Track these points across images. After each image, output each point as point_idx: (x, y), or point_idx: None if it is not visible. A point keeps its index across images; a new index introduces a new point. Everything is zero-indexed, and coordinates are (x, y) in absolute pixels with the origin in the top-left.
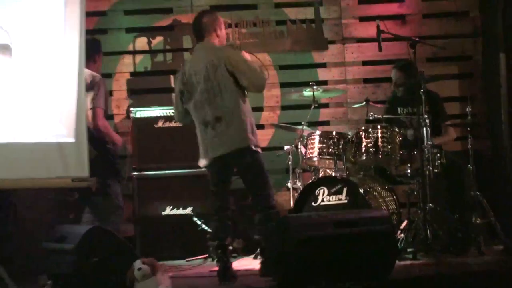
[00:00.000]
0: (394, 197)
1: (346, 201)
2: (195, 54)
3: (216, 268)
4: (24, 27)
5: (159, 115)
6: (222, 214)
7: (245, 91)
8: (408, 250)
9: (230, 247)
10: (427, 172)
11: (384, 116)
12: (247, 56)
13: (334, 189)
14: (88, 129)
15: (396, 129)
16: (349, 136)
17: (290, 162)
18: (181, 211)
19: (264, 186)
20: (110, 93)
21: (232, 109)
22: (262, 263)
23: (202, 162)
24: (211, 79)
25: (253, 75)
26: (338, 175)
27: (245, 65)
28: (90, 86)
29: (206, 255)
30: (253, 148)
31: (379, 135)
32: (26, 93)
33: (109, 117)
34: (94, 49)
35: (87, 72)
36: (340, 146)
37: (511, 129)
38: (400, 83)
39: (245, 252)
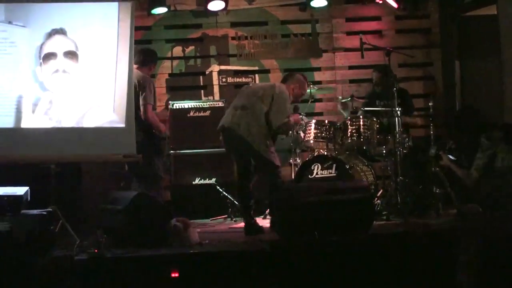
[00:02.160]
0: (372, 171)
1: (335, 174)
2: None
3: (235, 225)
4: (87, 38)
5: (190, 106)
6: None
7: None
8: (383, 212)
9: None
10: (398, 152)
11: (364, 108)
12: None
13: (326, 165)
14: (141, 119)
15: (374, 119)
16: (337, 124)
17: (292, 144)
18: (207, 181)
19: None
20: None
21: None
22: (271, 220)
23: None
24: None
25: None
26: (329, 154)
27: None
28: (142, 86)
29: (226, 216)
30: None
31: (361, 123)
32: (89, 89)
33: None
34: (152, 60)
35: (140, 74)
36: (331, 132)
37: (449, 137)
38: (379, 81)
39: (255, 213)
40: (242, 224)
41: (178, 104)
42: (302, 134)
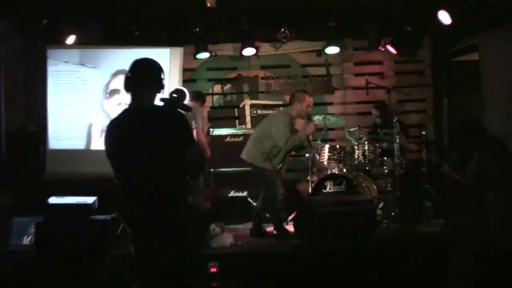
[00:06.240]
0: (375, 187)
1: (344, 189)
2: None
3: (267, 229)
4: None
5: (227, 133)
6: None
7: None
8: (383, 221)
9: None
10: (396, 172)
11: (369, 136)
12: (300, 126)
13: (337, 182)
14: None
15: (377, 144)
16: (347, 149)
17: (310, 164)
18: (240, 194)
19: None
20: None
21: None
22: (294, 228)
23: None
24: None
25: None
26: (339, 173)
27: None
28: (194, 113)
29: None
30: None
31: (366, 148)
32: None
33: None
34: (199, 98)
35: (192, 103)
36: (341, 155)
37: (450, 146)
38: (378, 115)
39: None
40: (269, 229)
41: (217, 131)
42: (317, 157)
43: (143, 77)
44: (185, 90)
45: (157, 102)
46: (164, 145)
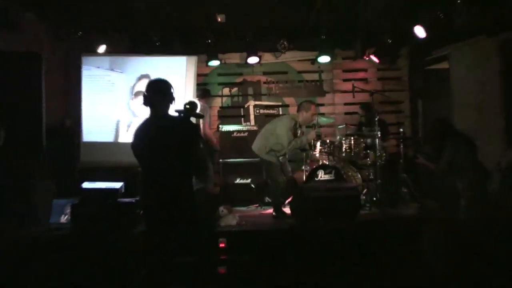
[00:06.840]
0: (359, 176)
1: (333, 178)
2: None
3: (264, 212)
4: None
5: (234, 129)
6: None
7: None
8: (366, 205)
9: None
10: (377, 163)
11: (355, 132)
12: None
13: (327, 171)
14: (201, 135)
15: (361, 139)
16: (336, 143)
17: (304, 156)
18: (245, 181)
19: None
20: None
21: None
22: (291, 210)
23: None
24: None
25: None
26: (329, 163)
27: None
28: (202, 110)
29: (257, 205)
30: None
31: (352, 142)
32: None
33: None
34: (206, 95)
35: (200, 102)
36: (331, 148)
37: (424, 141)
38: (363, 115)
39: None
40: (269, 211)
41: (226, 128)
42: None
43: (157, 93)
44: (197, 101)
45: (173, 111)
46: (177, 146)
